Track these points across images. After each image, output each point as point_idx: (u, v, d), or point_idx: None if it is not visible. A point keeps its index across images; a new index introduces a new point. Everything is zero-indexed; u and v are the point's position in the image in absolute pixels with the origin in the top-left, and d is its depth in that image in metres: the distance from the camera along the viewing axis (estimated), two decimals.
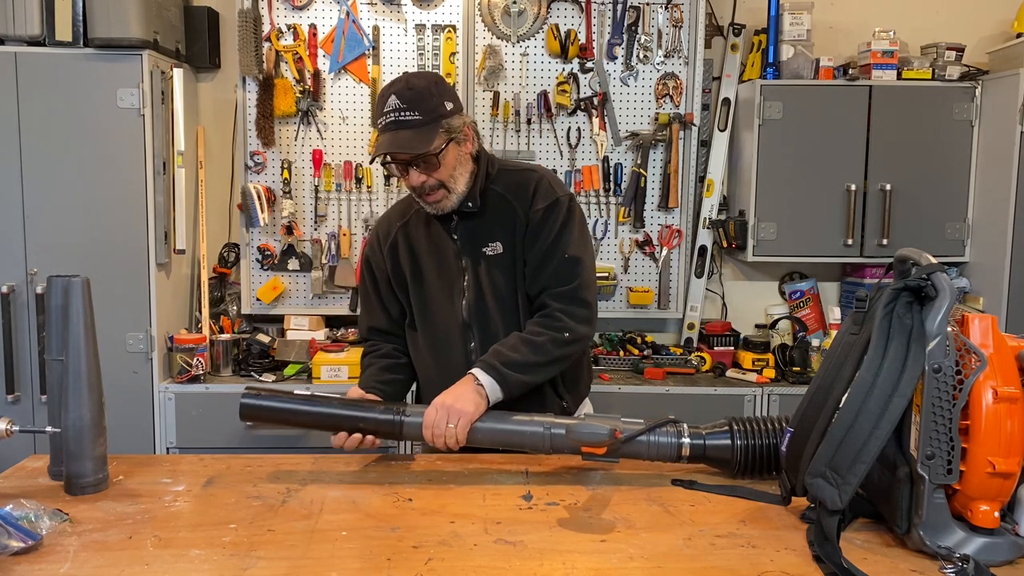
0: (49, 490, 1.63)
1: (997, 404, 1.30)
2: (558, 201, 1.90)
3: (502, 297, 1.91)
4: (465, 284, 1.92)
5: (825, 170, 3.29)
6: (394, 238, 1.99)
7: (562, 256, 1.87)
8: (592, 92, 3.36)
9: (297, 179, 3.36)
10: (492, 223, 1.91)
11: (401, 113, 1.77)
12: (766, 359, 3.29)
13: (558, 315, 1.85)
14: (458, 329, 1.94)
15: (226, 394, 3.02)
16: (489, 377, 1.76)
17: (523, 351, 1.81)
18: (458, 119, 1.83)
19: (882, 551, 1.38)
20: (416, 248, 1.97)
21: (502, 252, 1.90)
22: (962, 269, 3.39)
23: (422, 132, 1.77)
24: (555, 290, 1.86)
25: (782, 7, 3.32)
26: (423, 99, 1.78)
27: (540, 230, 1.88)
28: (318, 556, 1.35)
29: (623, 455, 1.67)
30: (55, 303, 1.62)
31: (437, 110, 1.79)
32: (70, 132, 2.94)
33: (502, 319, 1.91)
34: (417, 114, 1.77)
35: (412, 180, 1.84)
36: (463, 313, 1.93)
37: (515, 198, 1.90)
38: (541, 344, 1.82)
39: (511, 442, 1.72)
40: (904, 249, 1.45)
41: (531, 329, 1.85)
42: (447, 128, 1.80)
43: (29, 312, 2.98)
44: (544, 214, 1.88)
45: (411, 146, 1.77)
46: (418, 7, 3.29)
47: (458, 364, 1.91)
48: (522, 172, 1.97)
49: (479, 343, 1.92)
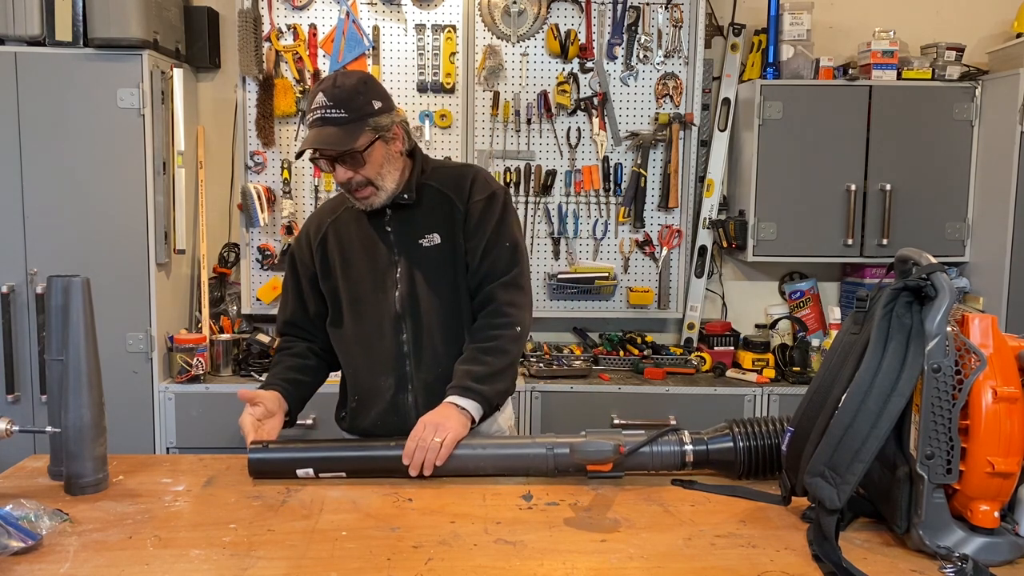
0: (49, 490, 1.63)
1: (997, 404, 1.30)
2: (495, 194, 1.94)
3: (436, 287, 1.93)
4: (398, 276, 1.93)
5: (825, 170, 3.29)
6: (324, 233, 2.00)
7: (503, 244, 1.92)
8: (592, 92, 3.36)
9: (297, 179, 3.36)
10: (428, 215, 1.93)
11: (328, 111, 1.80)
12: (766, 359, 3.29)
13: (504, 309, 1.88)
14: (390, 321, 1.94)
15: (226, 394, 3.01)
16: (467, 399, 1.78)
17: (487, 361, 1.83)
18: (386, 118, 1.85)
19: (882, 551, 1.38)
20: (347, 242, 1.98)
21: (439, 243, 1.93)
22: (962, 269, 3.38)
23: (348, 129, 1.80)
24: (498, 280, 1.90)
25: (782, 7, 3.32)
26: (350, 98, 1.81)
27: (482, 220, 1.92)
28: (318, 556, 1.35)
29: (628, 468, 1.67)
30: (55, 303, 1.63)
31: (364, 108, 1.82)
32: (70, 132, 2.94)
33: (435, 309, 1.93)
34: (344, 112, 1.80)
35: (339, 176, 1.86)
36: (396, 305, 1.93)
37: (452, 191, 1.94)
38: (499, 347, 1.85)
39: (514, 467, 1.71)
40: (904, 249, 1.45)
41: (484, 334, 1.87)
42: (373, 126, 1.82)
43: (29, 312, 2.98)
44: (484, 204, 1.92)
45: (336, 143, 1.80)
46: (418, 7, 3.29)
47: (389, 355, 1.94)
48: (457, 168, 2.03)
49: (411, 333, 1.93)
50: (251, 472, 1.69)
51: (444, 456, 1.68)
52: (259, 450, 1.70)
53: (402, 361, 1.94)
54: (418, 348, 1.93)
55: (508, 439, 1.83)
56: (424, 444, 1.68)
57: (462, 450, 1.70)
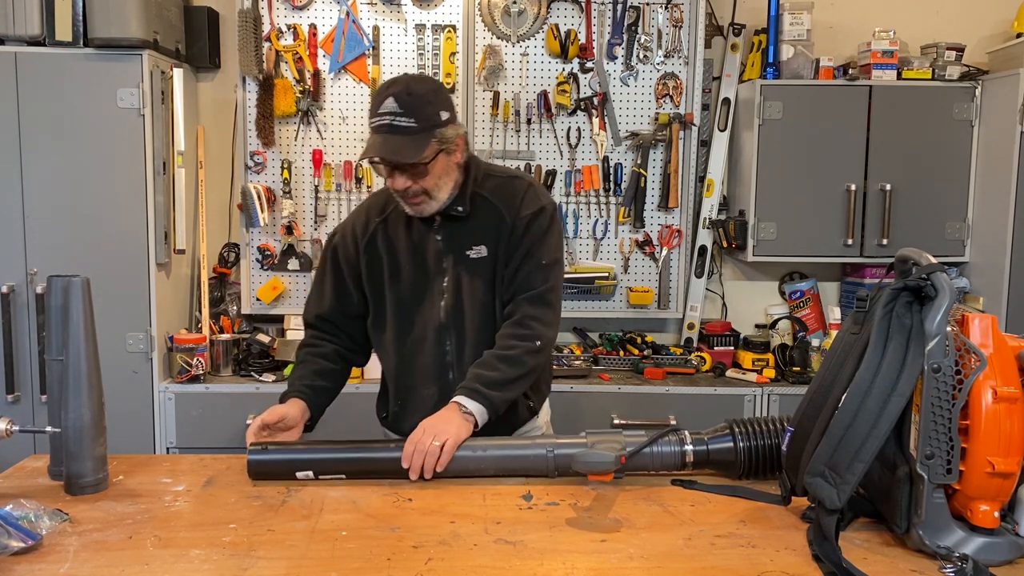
0: (49, 490, 1.63)
1: (997, 404, 1.30)
2: (543, 209, 1.91)
3: (480, 300, 1.91)
4: (445, 285, 1.91)
5: (825, 170, 3.29)
6: (372, 233, 1.96)
7: (539, 261, 1.89)
8: (592, 92, 3.36)
9: (297, 179, 3.36)
10: (478, 227, 1.90)
11: (396, 118, 1.75)
12: (766, 359, 3.29)
13: (528, 322, 1.85)
14: (435, 330, 1.92)
15: (226, 394, 3.02)
16: (474, 402, 1.76)
17: (501, 368, 1.81)
18: (451, 129, 1.82)
19: (882, 551, 1.38)
20: (395, 247, 1.94)
21: (485, 255, 1.90)
22: (962, 269, 3.39)
23: (415, 140, 1.76)
24: (530, 293, 1.87)
25: (782, 7, 3.32)
26: (421, 106, 1.76)
27: (524, 236, 1.89)
28: (318, 556, 1.35)
29: (628, 469, 1.67)
30: (55, 303, 1.62)
31: (432, 119, 1.77)
32: (70, 132, 2.94)
33: (479, 320, 1.91)
34: (413, 121, 1.75)
35: (397, 184, 1.82)
36: (441, 314, 1.91)
37: (503, 203, 1.90)
38: (516, 357, 1.83)
39: (514, 468, 1.71)
40: (904, 249, 1.45)
41: (503, 343, 1.85)
42: (440, 138, 1.79)
43: (29, 312, 2.98)
44: (530, 220, 1.89)
45: (402, 154, 1.76)
46: (418, 7, 3.29)
47: (432, 365, 1.93)
48: (509, 179, 1.97)
49: (455, 344, 1.92)
50: (250, 474, 1.69)
51: (444, 462, 1.67)
52: (258, 452, 1.70)
53: (445, 371, 1.93)
54: (461, 359, 1.91)
55: (508, 440, 1.83)
56: (423, 448, 1.67)
57: (462, 451, 1.70)
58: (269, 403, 2.99)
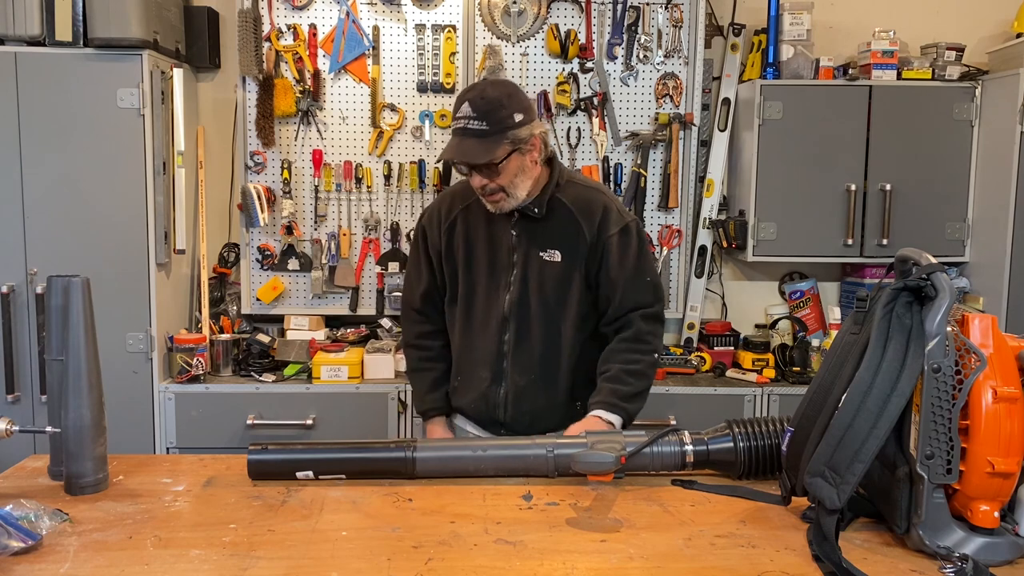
0: (49, 490, 1.63)
1: (997, 404, 1.30)
2: (628, 227, 2.04)
3: (545, 300, 2.04)
4: (512, 279, 2.04)
5: (825, 170, 3.29)
6: (454, 218, 2.10)
7: (645, 279, 2.05)
8: (592, 92, 3.36)
9: (297, 179, 3.36)
10: (554, 231, 2.03)
11: (470, 121, 1.89)
12: (766, 359, 3.29)
13: (647, 337, 2.02)
14: (497, 321, 2.06)
15: (226, 394, 3.02)
16: (612, 414, 1.95)
17: (632, 382, 1.98)
18: (526, 130, 1.93)
19: (882, 551, 1.38)
20: (473, 234, 2.08)
21: (559, 261, 2.03)
22: (962, 269, 3.39)
23: (486, 142, 1.89)
24: (645, 310, 2.04)
25: (782, 7, 3.32)
26: (493, 110, 1.89)
27: (623, 256, 2.02)
28: (318, 556, 1.35)
29: (628, 469, 1.67)
30: (55, 303, 1.63)
31: (505, 121, 1.89)
32: (70, 132, 2.94)
33: (540, 319, 2.05)
34: (485, 124, 1.89)
35: (475, 182, 1.96)
36: (504, 307, 2.05)
37: (582, 215, 2.03)
38: (643, 371, 2.01)
39: (514, 468, 1.71)
40: (904, 249, 1.45)
41: (627, 356, 2.00)
42: (512, 139, 1.91)
43: (29, 312, 2.98)
44: (620, 238, 2.02)
45: (474, 156, 1.90)
46: (418, 7, 3.29)
47: (490, 351, 2.08)
48: (590, 190, 2.09)
49: (513, 336, 2.06)
50: (250, 474, 1.68)
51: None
52: (258, 452, 1.70)
53: (500, 359, 2.08)
54: (518, 351, 2.06)
55: (508, 440, 1.84)
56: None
57: (463, 451, 1.71)
58: (269, 403, 3.04)
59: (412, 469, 1.69)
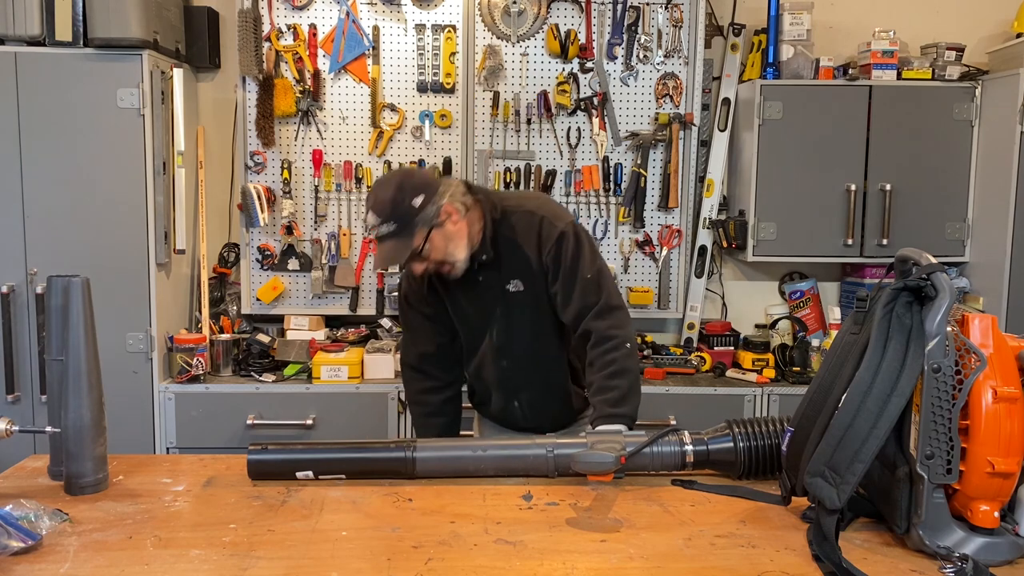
0: (49, 490, 1.63)
1: (997, 404, 1.30)
2: (562, 235, 2.03)
3: (527, 326, 2.11)
4: (497, 316, 2.11)
5: (825, 170, 3.29)
6: (430, 284, 2.15)
7: (583, 278, 2.02)
8: (592, 92, 3.36)
9: (297, 179, 3.36)
10: (510, 265, 2.07)
11: (380, 227, 1.94)
12: (766, 359, 3.29)
13: (610, 332, 1.98)
14: (492, 353, 2.16)
15: (226, 394, 3.02)
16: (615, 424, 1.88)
17: (617, 384, 1.94)
18: (431, 208, 1.95)
19: (882, 551, 1.38)
20: (452, 289, 2.13)
21: (524, 289, 2.08)
22: (962, 269, 3.38)
23: (402, 238, 1.94)
24: (590, 312, 2.01)
25: (782, 7, 3.32)
26: (393, 207, 1.93)
27: (557, 265, 2.03)
28: (318, 556, 1.35)
29: (628, 469, 1.68)
30: (55, 303, 1.63)
31: (408, 212, 1.93)
32: (70, 132, 2.94)
33: (528, 344, 2.13)
34: (393, 224, 1.93)
35: (416, 271, 2.04)
36: (496, 340, 2.14)
37: (524, 243, 2.06)
38: (623, 367, 1.96)
39: (514, 468, 1.72)
40: (904, 249, 1.45)
41: (602, 360, 1.97)
42: (422, 222, 1.94)
43: (29, 312, 2.98)
44: (555, 250, 2.02)
45: (397, 256, 1.97)
46: (418, 7, 3.29)
47: (494, 379, 2.19)
48: (522, 212, 2.09)
49: (511, 363, 2.15)
50: (250, 474, 1.69)
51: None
52: (258, 452, 1.70)
53: (506, 382, 2.19)
54: (518, 376, 2.17)
55: (508, 440, 1.84)
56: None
57: (463, 451, 1.71)
58: (269, 403, 3.04)
59: (412, 469, 1.69)
